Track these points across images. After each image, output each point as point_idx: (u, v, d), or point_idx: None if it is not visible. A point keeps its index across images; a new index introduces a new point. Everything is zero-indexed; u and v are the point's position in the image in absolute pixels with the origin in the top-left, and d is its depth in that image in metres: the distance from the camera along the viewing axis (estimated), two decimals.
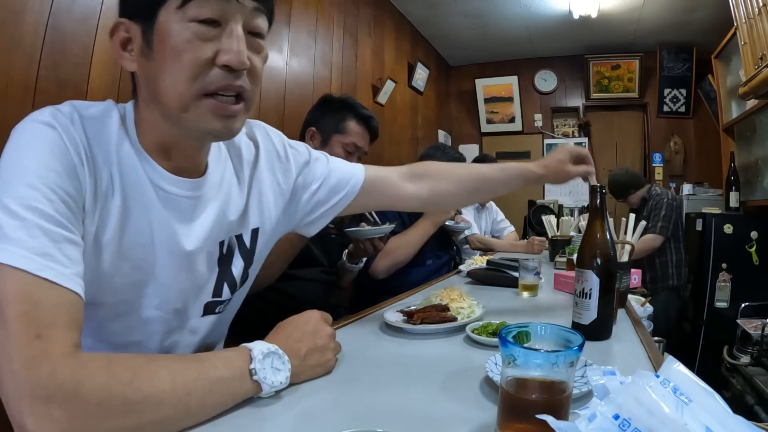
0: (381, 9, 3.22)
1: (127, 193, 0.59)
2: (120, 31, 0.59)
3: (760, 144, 2.60)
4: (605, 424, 0.34)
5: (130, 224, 0.60)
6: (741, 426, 0.33)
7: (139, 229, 0.61)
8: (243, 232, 0.74)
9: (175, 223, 0.63)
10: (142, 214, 0.61)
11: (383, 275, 1.72)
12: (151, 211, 0.61)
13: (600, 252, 0.86)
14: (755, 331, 1.99)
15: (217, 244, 0.70)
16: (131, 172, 0.60)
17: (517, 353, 0.45)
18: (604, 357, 0.79)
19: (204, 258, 0.68)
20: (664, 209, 2.69)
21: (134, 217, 0.60)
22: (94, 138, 0.57)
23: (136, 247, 0.61)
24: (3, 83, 1.06)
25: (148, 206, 0.61)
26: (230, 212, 0.71)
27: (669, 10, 3.31)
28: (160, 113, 0.59)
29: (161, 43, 0.55)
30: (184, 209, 0.64)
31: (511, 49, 4.27)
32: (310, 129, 1.47)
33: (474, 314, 0.96)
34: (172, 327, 0.68)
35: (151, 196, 0.61)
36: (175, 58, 0.55)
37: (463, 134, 4.74)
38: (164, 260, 0.63)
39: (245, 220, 0.74)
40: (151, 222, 0.61)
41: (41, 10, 1.14)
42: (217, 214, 0.68)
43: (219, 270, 0.71)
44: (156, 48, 0.56)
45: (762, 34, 2.00)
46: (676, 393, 0.35)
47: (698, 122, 4.02)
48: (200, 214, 0.66)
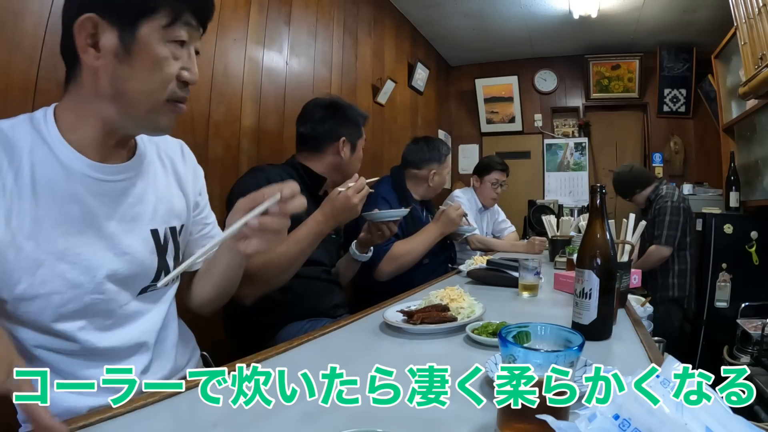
0: (381, 9, 3.22)
1: (41, 189, 0.64)
2: (88, 26, 0.62)
3: (760, 144, 2.59)
4: (605, 424, 0.34)
5: (44, 216, 0.64)
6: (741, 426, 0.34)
7: (58, 220, 0.65)
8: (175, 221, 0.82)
9: (97, 207, 0.69)
10: (59, 207, 0.66)
11: (387, 278, 1.75)
12: (69, 202, 0.66)
13: (600, 252, 0.86)
14: (755, 331, 1.99)
15: (146, 229, 0.76)
16: (48, 170, 0.65)
17: (517, 353, 0.45)
18: (604, 357, 0.79)
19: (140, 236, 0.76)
20: (668, 215, 2.45)
21: (51, 211, 0.65)
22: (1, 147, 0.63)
23: (56, 237, 0.65)
24: (3, 84, 1.06)
25: (67, 197, 0.66)
26: (154, 199, 0.78)
27: (669, 10, 3.31)
28: (117, 109, 0.66)
29: (142, 53, 0.63)
30: (102, 192, 0.70)
31: (511, 49, 4.26)
32: (341, 139, 1.50)
33: (474, 314, 0.96)
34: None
35: (73, 187, 0.67)
36: (153, 70, 0.65)
37: (463, 134, 4.74)
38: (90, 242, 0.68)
39: (172, 213, 0.82)
40: (70, 209, 0.66)
41: (41, 10, 1.14)
42: (136, 199, 0.75)
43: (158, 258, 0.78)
44: (135, 56, 0.63)
45: (762, 34, 2.00)
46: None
47: (698, 122, 4.02)
48: (120, 196, 0.73)
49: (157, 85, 0.66)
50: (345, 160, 1.52)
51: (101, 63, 0.63)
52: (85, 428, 0.50)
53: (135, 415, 0.54)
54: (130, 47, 0.63)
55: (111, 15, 0.62)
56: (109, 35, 0.62)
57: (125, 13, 0.62)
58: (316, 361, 0.74)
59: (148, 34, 0.63)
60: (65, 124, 0.68)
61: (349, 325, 0.98)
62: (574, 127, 4.51)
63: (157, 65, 0.65)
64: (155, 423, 0.53)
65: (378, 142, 3.18)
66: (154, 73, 0.65)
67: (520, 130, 4.57)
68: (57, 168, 0.66)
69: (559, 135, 4.52)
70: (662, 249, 2.47)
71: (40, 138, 0.66)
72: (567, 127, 4.55)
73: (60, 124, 0.67)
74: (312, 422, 0.52)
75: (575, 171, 4.40)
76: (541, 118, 4.52)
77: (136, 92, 0.65)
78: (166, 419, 0.54)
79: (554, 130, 4.54)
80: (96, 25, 0.61)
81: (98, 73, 0.64)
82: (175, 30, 0.65)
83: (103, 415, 0.52)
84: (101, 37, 0.62)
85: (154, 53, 0.64)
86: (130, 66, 0.63)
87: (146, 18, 0.63)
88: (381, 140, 3.22)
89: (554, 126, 4.56)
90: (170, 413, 0.55)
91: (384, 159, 3.20)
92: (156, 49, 0.64)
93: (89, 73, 0.65)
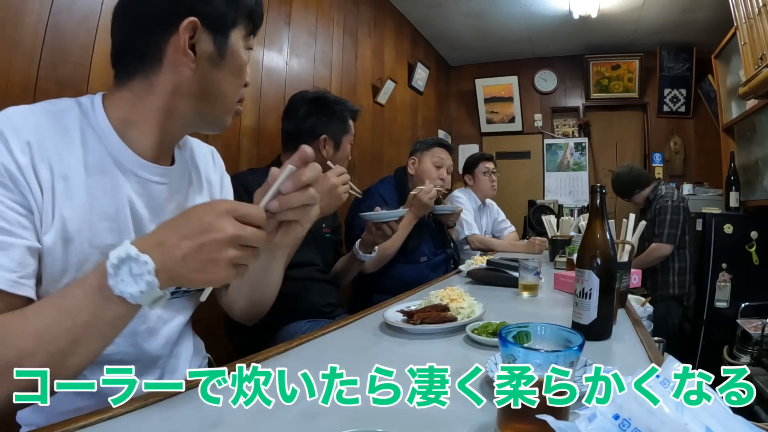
0: (381, 9, 3.22)
1: (93, 181, 0.64)
2: (189, 29, 0.64)
3: (760, 144, 2.59)
4: (605, 424, 0.34)
5: (96, 210, 0.64)
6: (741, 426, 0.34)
7: (108, 213, 0.65)
8: None
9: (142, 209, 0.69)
10: (111, 201, 0.66)
11: (371, 270, 1.73)
12: (120, 197, 0.67)
13: (600, 252, 0.86)
14: (755, 331, 1.99)
15: None
16: (99, 161, 0.65)
17: (517, 353, 0.45)
18: (604, 357, 0.79)
19: None
20: (669, 214, 2.51)
21: (102, 203, 0.65)
22: (48, 137, 0.61)
23: (104, 232, 0.65)
24: (3, 83, 1.06)
25: (118, 192, 0.66)
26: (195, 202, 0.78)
27: (669, 10, 3.31)
28: (197, 108, 0.70)
29: (232, 59, 0.70)
30: (151, 194, 0.71)
31: (511, 49, 4.26)
32: (323, 137, 1.46)
33: (474, 314, 0.96)
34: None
35: (123, 183, 0.67)
36: (237, 75, 0.72)
37: (463, 134, 4.74)
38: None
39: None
40: (120, 205, 0.66)
41: (41, 10, 1.14)
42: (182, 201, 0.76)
43: None
44: (227, 61, 0.69)
45: (762, 34, 2.00)
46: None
47: (698, 122, 4.02)
48: (167, 200, 0.73)
49: (238, 88, 0.73)
50: (327, 158, 1.47)
51: (194, 65, 0.66)
52: (84, 428, 0.50)
53: (135, 415, 0.54)
54: (224, 53, 0.68)
55: (210, 22, 0.66)
56: (206, 40, 0.67)
57: (222, 21, 0.68)
58: (316, 361, 0.74)
59: (236, 42, 0.70)
60: (118, 117, 0.67)
61: (349, 325, 0.98)
62: (574, 127, 4.51)
63: (241, 70, 0.72)
64: (155, 423, 0.53)
65: (378, 142, 3.18)
66: (238, 78, 0.72)
67: (520, 130, 4.58)
68: (108, 161, 0.66)
69: (559, 135, 4.52)
70: (664, 247, 2.52)
71: (90, 126, 0.66)
72: (567, 127, 4.55)
73: (111, 116, 0.67)
74: (312, 422, 0.52)
75: (575, 171, 4.40)
76: (541, 118, 4.52)
77: (222, 94, 0.71)
78: (167, 419, 0.54)
79: (554, 130, 4.54)
80: (195, 28, 0.65)
81: (186, 74, 0.66)
82: (250, 39, 0.73)
83: (103, 415, 0.52)
84: (199, 41, 0.66)
85: (240, 59, 0.71)
86: (221, 70, 0.69)
87: (234, 28, 0.69)
88: (381, 140, 3.22)
89: (554, 126, 4.56)
90: (170, 413, 0.55)
91: (384, 159, 3.20)
92: (241, 54, 0.71)
93: (172, 73, 0.66)
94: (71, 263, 0.62)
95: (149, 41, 0.66)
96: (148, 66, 0.66)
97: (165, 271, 0.50)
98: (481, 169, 2.80)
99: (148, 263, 0.49)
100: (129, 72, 0.68)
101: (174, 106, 0.68)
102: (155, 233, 0.53)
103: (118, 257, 0.49)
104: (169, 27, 0.64)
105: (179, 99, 0.68)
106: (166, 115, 0.69)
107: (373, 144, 3.09)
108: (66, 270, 0.62)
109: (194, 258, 0.51)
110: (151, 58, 0.66)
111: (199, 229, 0.51)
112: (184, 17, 0.63)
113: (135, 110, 0.68)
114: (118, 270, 0.49)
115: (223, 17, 0.67)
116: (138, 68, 0.67)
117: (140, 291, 0.49)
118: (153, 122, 0.69)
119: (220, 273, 0.52)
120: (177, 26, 0.64)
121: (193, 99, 0.69)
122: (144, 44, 0.66)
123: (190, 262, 0.51)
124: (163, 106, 0.68)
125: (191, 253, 0.51)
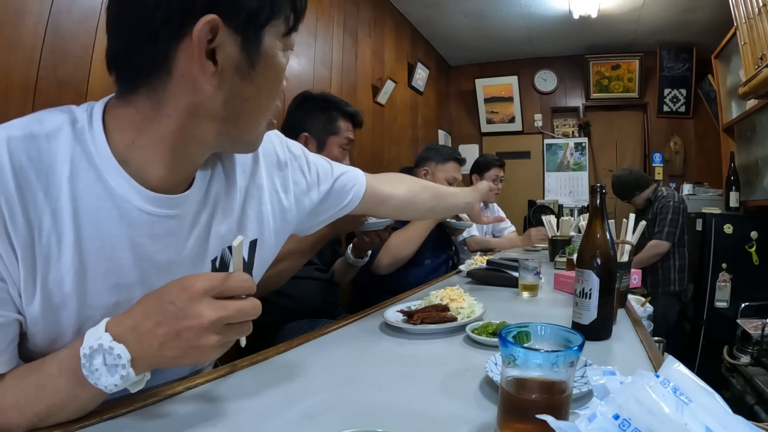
0: (381, 9, 3.22)
1: (86, 233, 0.51)
2: (206, 32, 0.47)
3: (760, 144, 2.59)
4: (605, 424, 0.34)
5: (92, 268, 0.52)
6: (741, 426, 0.33)
7: (108, 271, 0.53)
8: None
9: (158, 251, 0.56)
10: (109, 254, 0.53)
11: (386, 271, 1.72)
12: (121, 247, 0.53)
13: (600, 252, 0.86)
14: (755, 331, 1.99)
15: (208, 262, 0.62)
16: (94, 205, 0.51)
17: (517, 353, 0.45)
18: (604, 357, 0.79)
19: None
20: (670, 213, 2.61)
21: (98, 259, 0.52)
22: (25, 182, 0.47)
23: (105, 291, 0.53)
24: (3, 84, 1.06)
25: (118, 241, 0.53)
26: (219, 225, 0.63)
27: (669, 10, 3.31)
28: (223, 131, 0.54)
29: (267, 67, 0.53)
30: (164, 231, 0.56)
31: (511, 49, 4.26)
32: (302, 135, 1.43)
33: (474, 314, 0.96)
34: None
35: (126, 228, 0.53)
36: (273, 86, 0.55)
37: (463, 134, 4.74)
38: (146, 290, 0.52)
39: (242, 231, 0.67)
40: (122, 256, 0.54)
41: (41, 10, 1.14)
42: (202, 231, 0.61)
43: None
44: (260, 71, 0.52)
45: (762, 34, 2.00)
46: (676, 393, 0.35)
47: (698, 122, 4.02)
48: (184, 233, 0.59)
49: (274, 101, 0.57)
50: None
51: (217, 80, 0.50)
52: (84, 428, 0.50)
53: (135, 415, 0.54)
54: (254, 60, 0.51)
55: (236, 20, 0.48)
56: (231, 45, 0.49)
57: (254, 18, 0.49)
58: (316, 361, 0.74)
59: (272, 45, 0.52)
60: (121, 141, 0.52)
61: (349, 325, 0.98)
62: (574, 127, 4.51)
63: (278, 80, 0.55)
64: (155, 423, 0.53)
65: (378, 143, 3.18)
66: (275, 89, 0.55)
67: (520, 130, 4.58)
68: (106, 203, 0.52)
69: (559, 135, 4.52)
70: (662, 244, 2.62)
71: (85, 155, 0.50)
72: (567, 127, 4.55)
73: (111, 138, 0.52)
74: (312, 422, 0.52)
75: (575, 171, 4.40)
76: (541, 118, 4.52)
77: (255, 112, 0.55)
78: (166, 419, 0.54)
79: (554, 130, 4.54)
80: (216, 30, 0.47)
81: (206, 91, 0.50)
82: (290, 38, 0.55)
83: (103, 416, 0.52)
84: (221, 47, 0.48)
85: (278, 67, 0.54)
86: (253, 83, 0.52)
87: (269, 25, 0.51)
88: (381, 140, 3.22)
89: (554, 126, 4.56)
90: (170, 413, 0.55)
91: (384, 159, 3.21)
92: (278, 59, 0.54)
93: (186, 89, 0.50)
94: (66, 328, 0.52)
95: (154, 46, 0.48)
96: (156, 78, 0.49)
97: (142, 359, 0.46)
98: (491, 175, 2.80)
99: (122, 356, 0.44)
100: (131, 83, 0.51)
101: (192, 130, 0.53)
102: (131, 313, 0.47)
103: (90, 347, 0.44)
104: (181, 27, 0.47)
105: (199, 122, 0.52)
106: (180, 140, 0.53)
107: (373, 144, 3.09)
108: (61, 335, 0.52)
109: (173, 345, 0.46)
110: (157, 68, 0.49)
111: (173, 316, 0.45)
112: (201, 14, 0.46)
113: (142, 134, 0.52)
114: (92, 360, 0.44)
115: (256, 13, 0.49)
116: (142, 81, 0.50)
117: (114, 384, 0.45)
118: (163, 149, 0.53)
119: (205, 357, 0.47)
120: (191, 26, 0.46)
121: (217, 121, 0.53)
122: (147, 50, 0.48)
123: (169, 350, 0.46)
124: (176, 131, 0.52)
125: (168, 341, 0.45)
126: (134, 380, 0.47)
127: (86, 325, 0.50)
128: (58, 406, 0.48)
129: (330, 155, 1.40)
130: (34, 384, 0.48)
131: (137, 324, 0.46)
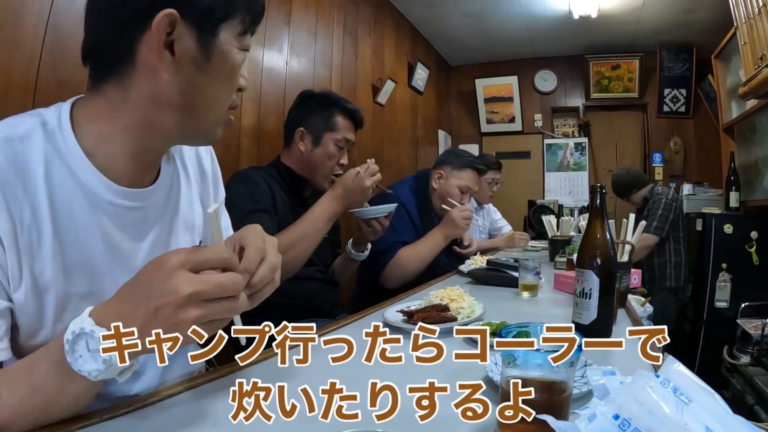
0: (381, 9, 3.22)
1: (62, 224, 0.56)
2: (165, 24, 0.52)
3: (760, 144, 2.59)
4: (605, 424, 0.34)
5: (69, 256, 0.56)
6: (741, 426, 0.33)
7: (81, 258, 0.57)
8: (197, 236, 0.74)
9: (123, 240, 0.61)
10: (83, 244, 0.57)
11: (394, 286, 1.66)
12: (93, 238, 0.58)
13: (600, 252, 0.86)
14: (755, 331, 1.99)
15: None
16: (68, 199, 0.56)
17: (517, 353, 0.45)
18: (604, 357, 0.79)
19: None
20: (660, 209, 2.69)
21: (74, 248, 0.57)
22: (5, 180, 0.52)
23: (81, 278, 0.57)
24: (3, 84, 1.06)
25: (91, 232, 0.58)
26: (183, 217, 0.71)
27: (669, 10, 3.31)
28: (181, 120, 0.59)
29: (221, 61, 0.58)
30: (129, 221, 0.62)
31: (511, 49, 4.26)
32: (299, 130, 1.44)
33: (474, 314, 0.96)
34: None
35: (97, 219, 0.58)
36: (228, 79, 0.60)
37: (463, 134, 4.74)
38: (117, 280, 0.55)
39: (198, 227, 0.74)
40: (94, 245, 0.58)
41: (41, 10, 1.14)
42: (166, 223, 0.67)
43: None
44: (214, 64, 0.57)
45: (762, 34, 2.00)
46: (676, 393, 0.35)
47: (698, 122, 4.02)
48: (147, 224, 0.65)
49: (229, 95, 0.62)
50: (306, 153, 1.43)
51: (174, 69, 0.55)
52: (84, 428, 0.50)
53: (135, 415, 0.54)
54: (209, 54, 0.57)
55: (193, 15, 0.54)
56: (188, 38, 0.55)
57: (208, 15, 0.55)
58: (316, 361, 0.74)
59: (227, 41, 0.58)
60: (90, 134, 0.58)
61: (349, 325, 0.98)
62: (574, 127, 4.51)
63: (232, 74, 0.60)
64: (155, 423, 0.53)
65: (378, 143, 3.18)
66: (229, 83, 0.61)
67: (520, 130, 4.58)
68: (78, 196, 0.57)
69: (559, 135, 4.52)
70: (649, 237, 2.67)
71: (57, 154, 0.56)
72: (567, 127, 4.55)
73: (81, 133, 0.57)
74: (312, 421, 0.52)
75: (575, 171, 4.40)
76: (541, 118, 4.52)
77: (210, 103, 0.60)
78: (166, 419, 0.54)
79: (554, 130, 4.54)
80: (174, 24, 0.53)
81: (165, 80, 0.55)
82: (245, 38, 0.60)
83: (103, 416, 0.52)
84: (178, 40, 0.54)
85: (232, 62, 0.59)
86: (207, 74, 0.58)
87: (225, 23, 0.57)
88: (381, 140, 3.22)
89: (554, 126, 4.56)
90: (170, 413, 0.55)
91: (384, 159, 3.20)
92: (233, 55, 0.59)
93: (148, 78, 0.55)
94: (47, 315, 0.56)
95: (121, 37, 0.54)
96: (123, 68, 0.56)
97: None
98: (487, 178, 2.80)
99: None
100: (100, 74, 0.57)
101: (154, 118, 0.58)
102: (113, 299, 0.49)
103: (73, 332, 0.45)
104: (143, 20, 0.52)
105: (159, 110, 0.57)
106: (144, 129, 0.59)
107: (373, 144, 3.09)
108: (42, 322, 0.56)
109: (154, 326, 0.45)
110: (123, 58, 0.55)
111: (149, 294, 0.46)
112: (161, 8, 0.52)
113: (109, 124, 0.58)
114: (75, 345, 0.45)
115: (210, 10, 0.55)
116: (105, 72, 0.57)
117: (97, 369, 0.45)
118: (130, 138, 0.59)
119: (188, 333, 0.46)
120: (152, 19, 0.52)
121: (175, 110, 0.58)
122: (115, 41, 0.55)
123: (150, 331, 0.45)
124: (140, 119, 0.58)
125: (148, 322, 0.45)
126: (120, 368, 0.46)
127: (65, 313, 0.56)
128: (49, 403, 0.49)
129: (325, 151, 1.43)
130: (25, 382, 0.49)
131: (118, 308, 0.47)
